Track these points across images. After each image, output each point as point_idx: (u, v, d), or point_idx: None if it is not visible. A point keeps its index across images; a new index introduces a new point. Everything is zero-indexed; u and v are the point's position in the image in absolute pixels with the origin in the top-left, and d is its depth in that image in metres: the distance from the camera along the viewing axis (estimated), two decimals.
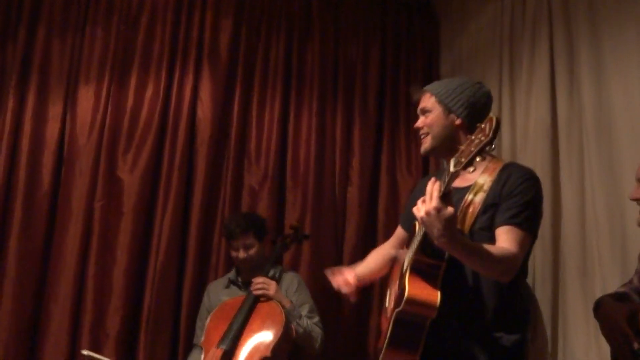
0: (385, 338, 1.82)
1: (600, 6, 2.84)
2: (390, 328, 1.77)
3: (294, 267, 3.25)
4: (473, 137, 1.51)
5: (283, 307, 2.59)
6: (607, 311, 1.84)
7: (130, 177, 3.10)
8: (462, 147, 1.55)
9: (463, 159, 1.52)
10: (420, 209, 1.59)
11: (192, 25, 3.33)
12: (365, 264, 2.20)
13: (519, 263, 1.78)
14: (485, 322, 1.83)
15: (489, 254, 1.70)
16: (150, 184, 3.13)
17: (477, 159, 1.50)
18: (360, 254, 3.38)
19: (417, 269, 1.76)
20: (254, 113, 3.40)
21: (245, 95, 3.39)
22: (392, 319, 1.77)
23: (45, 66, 3.12)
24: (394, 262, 2.15)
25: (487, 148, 1.48)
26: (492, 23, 3.43)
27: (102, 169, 3.08)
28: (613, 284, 2.55)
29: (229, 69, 3.36)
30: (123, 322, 2.95)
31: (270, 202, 3.30)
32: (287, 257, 3.26)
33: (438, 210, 1.54)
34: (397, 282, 1.91)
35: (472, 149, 1.49)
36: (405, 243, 2.05)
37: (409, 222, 2.00)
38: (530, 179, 1.87)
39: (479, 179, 1.88)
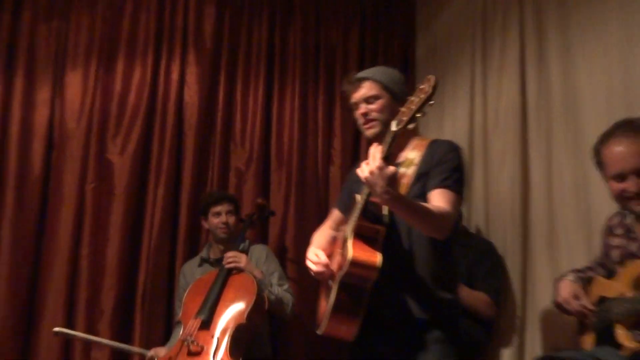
0: (327, 309, 1.84)
1: None
2: (334, 295, 1.80)
3: (280, 244, 3.32)
4: (413, 98, 1.60)
5: (255, 277, 2.66)
6: (559, 290, 1.97)
7: (120, 160, 3.13)
8: (402, 109, 1.64)
9: (405, 118, 1.61)
10: (364, 170, 1.66)
11: (177, 12, 3.33)
12: (317, 244, 2.16)
13: (452, 220, 1.87)
14: (423, 282, 1.89)
15: (427, 210, 1.79)
16: (140, 166, 3.16)
17: (418, 115, 1.59)
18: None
19: (359, 234, 1.80)
20: (239, 96, 3.43)
21: (230, 79, 3.41)
22: (337, 284, 1.80)
23: (32, 52, 3.11)
24: (333, 241, 2.16)
25: (428, 105, 1.57)
26: (465, 8, 3.47)
27: (93, 153, 3.10)
28: (578, 255, 2.64)
29: (214, 54, 3.37)
30: (117, 299, 2.99)
31: (255, 182, 3.35)
32: (272, 234, 3.33)
33: (380, 168, 1.62)
34: (340, 253, 1.93)
35: (413, 107, 1.59)
36: (343, 222, 2.08)
37: (345, 204, 2.08)
38: (456, 149, 1.97)
39: (409, 155, 1.97)
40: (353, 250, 1.77)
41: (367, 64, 3.72)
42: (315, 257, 1.97)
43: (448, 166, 1.90)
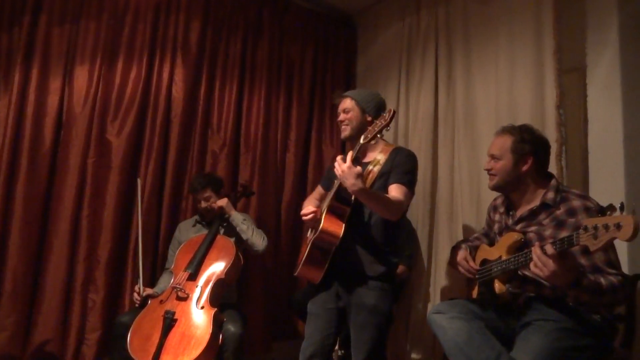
0: (303, 257, 1.98)
1: (471, 30, 2.98)
2: (307, 250, 1.94)
3: (245, 211, 3.24)
4: (377, 122, 1.77)
5: (234, 242, 2.62)
6: (452, 256, 2.06)
7: (117, 140, 2.99)
8: (369, 128, 1.82)
9: (369, 135, 1.78)
10: (338, 168, 1.82)
11: (169, 24, 3.21)
12: (307, 204, 2.23)
13: (403, 207, 1.99)
14: (376, 246, 2.00)
15: (384, 198, 1.90)
16: (133, 146, 3.03)
17: (378, 136, 1.76)
18: (293, 206, 3.47)
19: (332, 211, 1.94)
20: (217, 94, 3.34)
21: (210, 80, 3.32)
22: (310, 243, 1.93)
23: (47, 48, 2.93)
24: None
25: (385, 129, 1.74)
26: (395, 37, 3.53)
27: (94, 133, 2.94)
28: (470, 227, 2.74)
29: (198, 60, 3.27)
30: (111, 252, 2.87)
31: (227, 163, 3.28)
32: (240, 202, 3.21)
33: (350, 168, 1.77)
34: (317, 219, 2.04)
35: (376, 129, 1.75)
36: (323, 196, 2.22)
37: (326, 184, 2.22)
38: (410, 156, 2.09)
39: (377, 156, 2.07)
40: (324, 222, 1.90)
41: (318, 75, 3.74)
42: (307, 209, 2.05)
43: (404, 169, 2.01)
